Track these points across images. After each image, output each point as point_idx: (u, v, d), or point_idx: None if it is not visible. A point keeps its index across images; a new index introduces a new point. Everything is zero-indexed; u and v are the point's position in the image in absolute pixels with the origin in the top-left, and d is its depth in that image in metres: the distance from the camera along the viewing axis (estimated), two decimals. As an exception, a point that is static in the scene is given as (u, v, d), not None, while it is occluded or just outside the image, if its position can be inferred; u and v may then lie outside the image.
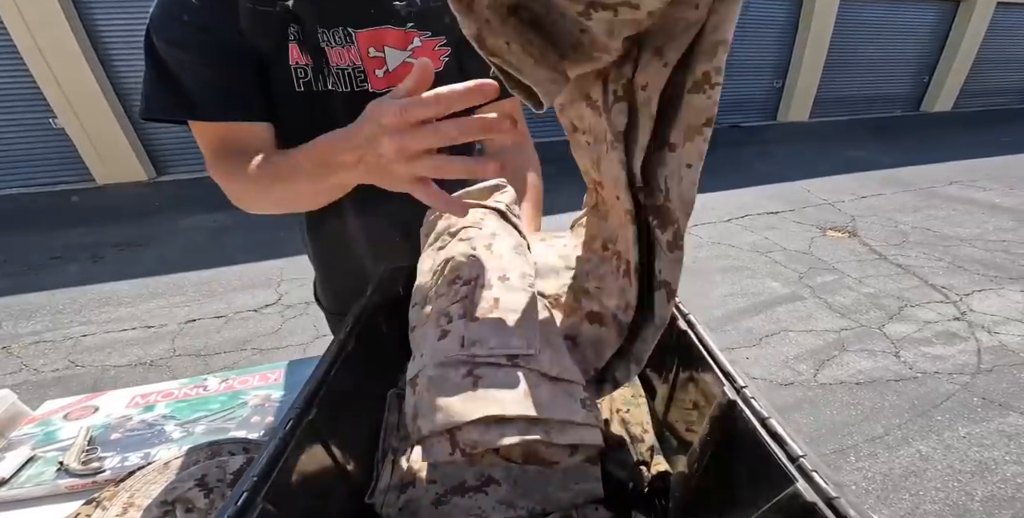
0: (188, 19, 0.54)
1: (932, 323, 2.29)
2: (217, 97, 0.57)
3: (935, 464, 1.53)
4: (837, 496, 0.20)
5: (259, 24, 0.55)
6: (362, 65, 0.61)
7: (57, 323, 2.35)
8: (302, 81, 0.59)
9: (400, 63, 0.63)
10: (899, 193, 4.36)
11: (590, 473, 0.45)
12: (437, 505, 0.44)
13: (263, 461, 0.29)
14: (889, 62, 8.38)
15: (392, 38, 0.62)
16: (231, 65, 0.57)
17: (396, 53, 0.62)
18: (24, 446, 0.61)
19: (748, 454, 0.28)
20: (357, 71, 0.61)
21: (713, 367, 0.33)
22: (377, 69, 0.62)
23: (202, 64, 0.55)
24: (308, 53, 0.58)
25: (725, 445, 0.32)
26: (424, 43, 0.63)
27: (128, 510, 0.47)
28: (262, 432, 0.64)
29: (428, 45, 0.64)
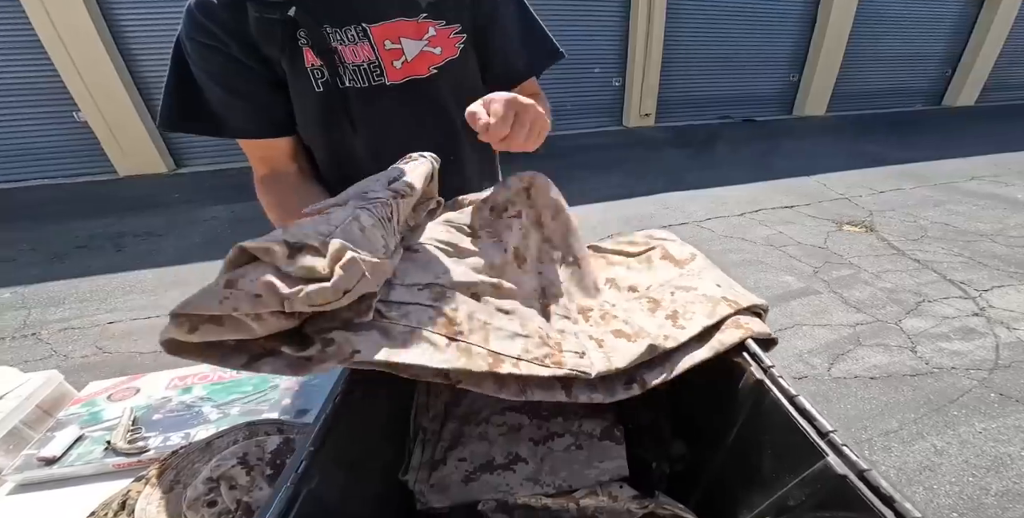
0: (209, 36, 0.58)
1: (950, 318, 2.26)
2: (243, 117, 0.63)
3: (950, 459, 1.52)
4: (869, 468, 0.22)
5: (266, 32, 0.58)
6: (377, 60, 0.63)
7: (84, 310, 2.43)
8: (320, 81, 0.62)
9: (418, 53, 0.65)
10: (918, 188, 4.28)
11: (615, 452, 0.47)
12: (467, 482, 0.46)
13: (317, 433, 0.31)
14: (911, 55, 8.15)
15: (407, 29, 0.64)
16: (251, 84, 0.62)
17: (412, 43, 0.64)
18: (72, 426, 0.64)
19: (775, 431, 0.29)
20: (373, 66, 0.63)
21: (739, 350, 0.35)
22: (395, 60, 0.64)
23: (226, 84, 0.61)
24: (320, 55, 0.60)
25: (751, 425, 0.33)
26: (439, 32, 0.65)
27: (175, 487, 0.50)
28: (293, 414, 0.66)
29: (443, 33, 0.66)
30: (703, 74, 7.03)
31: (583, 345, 0.44)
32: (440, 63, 0.66)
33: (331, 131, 0.67)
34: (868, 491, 0.23)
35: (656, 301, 0.50)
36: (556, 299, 0.52)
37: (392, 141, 0.68)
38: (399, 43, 0.63)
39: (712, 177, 4.47)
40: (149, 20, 4.53)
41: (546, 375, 0.38)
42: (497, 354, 0.38)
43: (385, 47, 0.63)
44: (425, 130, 0.70)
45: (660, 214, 3.64)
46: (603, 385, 0.42)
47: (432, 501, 0.45)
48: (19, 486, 0.58)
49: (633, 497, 0.44)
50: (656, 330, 0.45)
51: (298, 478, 0.29)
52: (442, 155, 0.74)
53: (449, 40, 0.66)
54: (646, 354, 0.42)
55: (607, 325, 0.48)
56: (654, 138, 6.33)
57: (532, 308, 0.48)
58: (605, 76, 6.58)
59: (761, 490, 0.33)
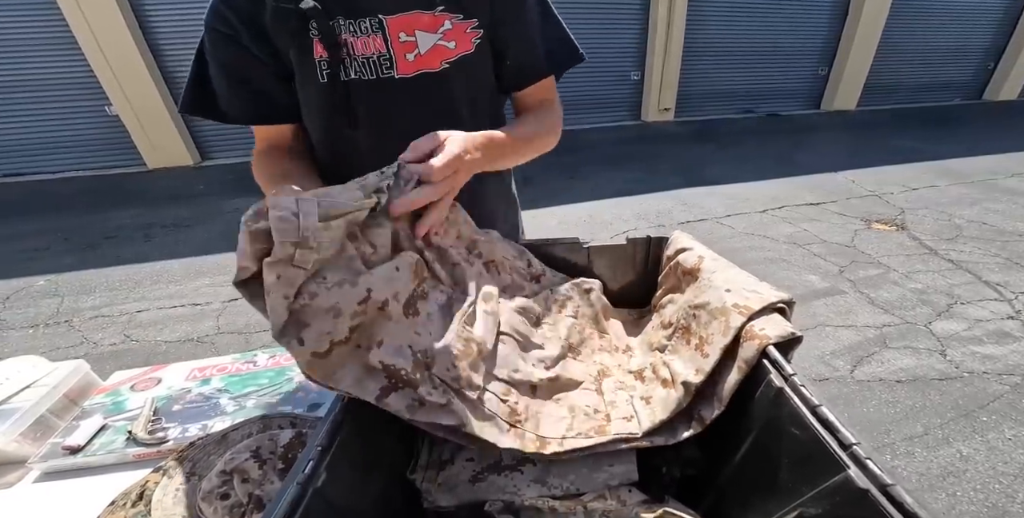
0: (225, 24, 0.60)
1: (984, 321, 2.17)
2: (242, 105, 0.66)
3: (976, 465, 1.47)
4: (893, 483, 0.21)
5: (280, 21, 0.59)
6: (388, 52, 0.62)
7: (114, 299, 2.51)
8: (325, 72, 0.62)
9: (431, 46, 0.64)
10: (954, 185, 4.11)
11: (626, 456, 0.46)
12: (474, 482, 0.46)
13: (326, 431, 0.31)
14: (950, 47, 7.80)
15: (423, 22, 0.63)
16: (255, 74, 0.64)
17: (427, 36, 0.63)
18: (96, 415, 0.66)
19: (794, 442, 0.28)
20: (383, 59, 0.63)
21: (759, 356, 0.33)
22: (408, 53, 0.63)
23: (230, 74, 0.64)
24: (327, 47, 0.60)
25: (768, 434, 0.32)
26: (455, 25, 0.64)
27: (190, 479, 0.51)
28: (306, 408, 0.67)
29: (459, 27, 0.64)
30: (726, 67, 6.85)
31: (633, 409, 0.48)
32: (453, 58, 0.65)
33: (331, 123, 0.68)
34: (891, 507, 0.22)
35: (687, 329, 0.50)
36: (610, 373, 0.56)
37: (396, 136, 0.67)
38: (413, 36, 0.63)
39: (733, 173, 4.37)
40: (178, 17, 4.65)
41: (590, 445, 0.44)
42: (543, 438, 0.44)
43: (399, 39, 0.62)
44: (432, 127, 0.69)
45: (677, 210, 3.58)
46: (664, 430, 0.45)
47: (439, 500, 0.45)
48: (43, 474, 0.60)
49: (642, 502, 0.43)
50: (690, 368, 0.45)
51: (305, 478, 0.29)
52: None
53: (465, 35, 0.65)
54: (685, 396, 0.44)
55: (657, 378, 0.50)
56: (673, 133, 6.21)
57: (587, 389, 0.53)
58: (623, 69, 6.47)
59: (775, 499, 0.32)
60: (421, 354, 0.42)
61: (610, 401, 0.50)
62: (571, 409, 0.49)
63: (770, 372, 0.31)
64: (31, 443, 0.62)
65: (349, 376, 0.36)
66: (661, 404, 0.46)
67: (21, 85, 4.59)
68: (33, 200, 4.26)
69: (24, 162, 4.93)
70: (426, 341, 0.44)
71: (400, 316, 0.43)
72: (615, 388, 0.53)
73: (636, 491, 0.44)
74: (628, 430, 0.45)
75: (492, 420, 0.43)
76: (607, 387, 0.53)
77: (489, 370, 0.48)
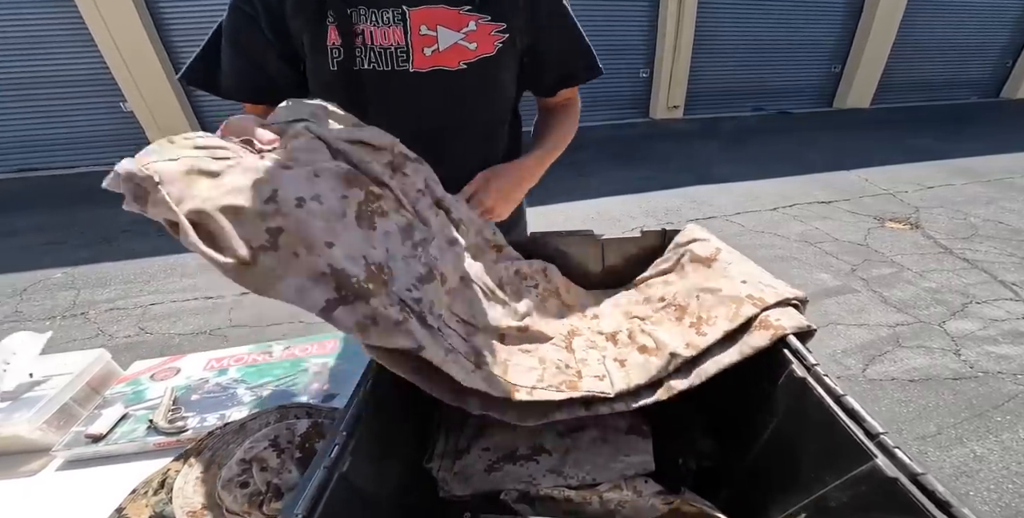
0: (248, 4, 0.61)
1: (999, 321, 2.14)
2: (238, 81, 0.67)
3: (990, 465, 1.45)
4: (924, 472, 0.20)
5: (299, 4, 0.60)
6: (407, 45, 0.62)
7: (129, 292, 2.55)
8: (336, 60, 0.62)
9: (451, 44, 0.63)
10: (970, 184, 4.03)
11: (642, 446, 0.46)
12: (489, 471, 0.46)
13: (350, 417, 0.31)
14: (968, 45, 7.62)
15: (447, 18, 0.62)
16: (262, 53, 0.64)
17: (449, 33, 0.63)
18: (118, 404, 0.68)
19: (817, 432, 0.28)
20: (400, 50, 0.62)
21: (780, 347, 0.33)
22: (427, 47, 0.63)
23: (239, 51, 0.64)
24: (342, 34, 0.60)
25: (788, 424, 0.32)
26: (480, 27, 0.63)
27: (210, 467, 0.52)
28: (321, 398, 0.68)
29: (484, 29, 0.64)
30: (736, 64, 6.76)
31: (605, 368, 0.48)
32: (472, 59, 0.65)
33: (347, 109, 0.68)
34: (922, 495, 0.21)
35: (683, 308, 0.50)
36: (580, 333, 0.56)
37: (405, 129, 0.68)
38: (435, 30, 0.62)
39: (743, 171, 4.32)
40: (192, 15, 4.70)
41: (561, 399, 0.43)
42: (513, 384, 0.43)
43: (420, 32, 0.62)
44: (447, 126, 0.69)
45: (686, 208, 3.55)
46: (626, 396, 0.45)
47: (455, 489, 0.46)
48: (67, 462, 0.62)
49: (658, 492, 0.43)
50: (678, 340, 0.46)
51: (331, 462, 0.29)
52: (461, 153, 0.73)
53: (489, 37, 0.64)
54: (665, 367, 0.44)
55: (634, 343, 0.50)
56: (682, 130, 6.16)
57: (556, 345, 0.52)
58: (632, 66, 6.42)
59: (797, 490, 0.32)
60: (376, 267, 0.38)
61: (581, 359, 0.50)
62: (541, 360, 0.48)
63: (791, 362, 0.31)
64: (55, 431, 0.63)
65: (290, 287, 0.34)
66: (638, 369, 0.46)
67: (39, 82, 4.66)
68: (50, 194, 4.33)
69: (41, 157, 5.01)
70: (382, 256, 0.40)
71: (347, 222, 0.39)
72: (586, 347, 0.52)
73: (652, 482, 0.44)
74: (600, 389, 0.45)
75: (454, 355, 0.40)
76: (578, 345, 0.53)
77: (453, 307, 0.46)
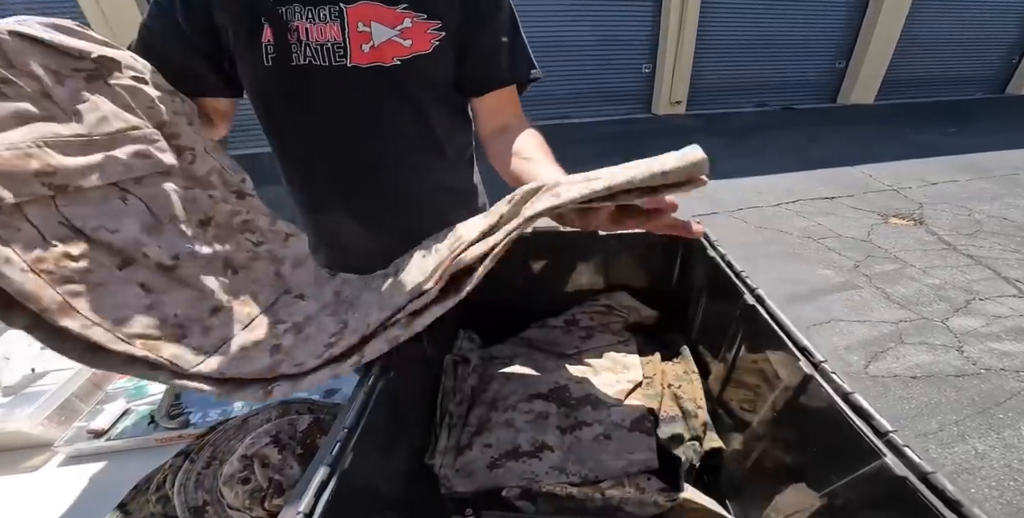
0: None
1: (1002, 318, 2.13)
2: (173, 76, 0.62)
3: (991, 462, 1.45)
4: (934, 471, 0.20)
5: (226, 4, 0.59)
6: (344, 41, 0.62)
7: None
8: (271, 56, 0.62)
9: (385, 40, 0.63)
10: (975, 180, 4.01)
11: (645, 443, 0.46)
12: (492, 468, 0.46)
13: (352, 413, 0.31)
14: (974, 41, 7.55)
15: (382, 15, 0.62)
16: (191, 46, 0.62)
17: (383, 29, 0.63)
18: (120, 399, 0.68)
19: (823, 430, 0.27)
20: (336, 46, 0.63)
21: (787, 343, 0.33)
22: (364, 44, 0.63)
23: (165, 42, 0.61)
24: (275, 32, 0.61)
25: (793, 422, 0.32)
26: (416, 24, 0.63)
27: (212, 463, 0.52)
28: (321, 394, 0.68)
29: (420, 27, 0.64)
30: (740, 60, 6.71)
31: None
32: (406, 56, 0.65)
33: (274, 106, 0.69)
34: (931, 494, 0.21)
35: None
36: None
37: (354, 122, 0.69)
38: (369, 27, 0.62)
39: (746, 166, 4.30)
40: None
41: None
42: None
43: (357, 29, 0.62)
44: (395, 119, 0.70)
45: (687, 203, 3.51)
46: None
47: (456, 486, 0.45)
48: (68, 458, 0.62)
49: (661, 490, 0.43)
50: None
51: (333, 459, 0.29)
52: (416, 146, 0.72)
53: (424, 35, 0.65)
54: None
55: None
56: (685, 126, 6.13)
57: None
58: (634, 62, 6.38)
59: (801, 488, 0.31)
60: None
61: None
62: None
63: (799, 359, 0.31)
64: (56, 427, 0.63)
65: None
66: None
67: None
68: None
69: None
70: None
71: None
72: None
73: (655, 479, 0.44)
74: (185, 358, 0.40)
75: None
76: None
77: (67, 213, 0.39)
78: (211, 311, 0.44)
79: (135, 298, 0.39)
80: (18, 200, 0.34)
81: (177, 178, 0.49)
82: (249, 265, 0.52)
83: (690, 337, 0.61)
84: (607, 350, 0.62)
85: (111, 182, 0.41)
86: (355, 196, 0.76)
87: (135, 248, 0.41)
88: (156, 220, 0.44)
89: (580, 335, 0.65)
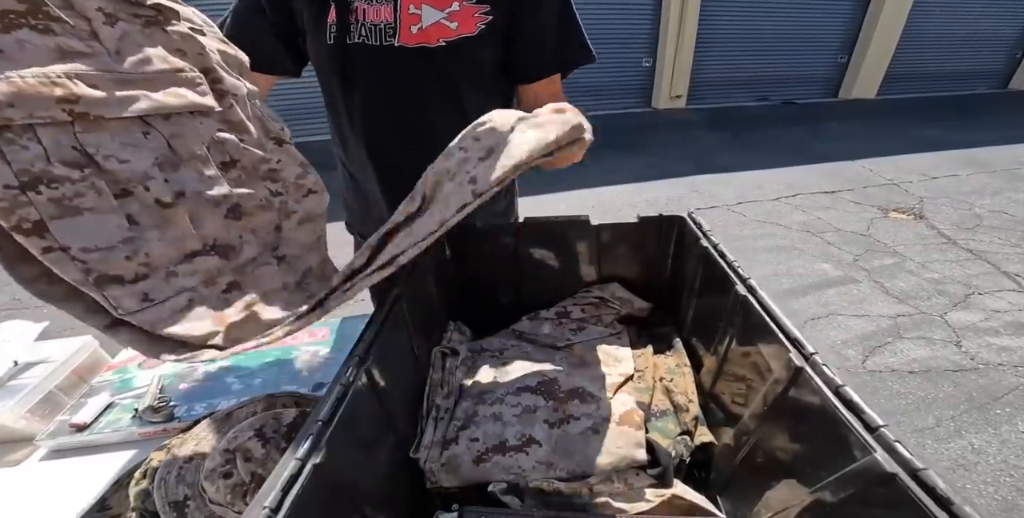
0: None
1: (1001, 312, 2.12)
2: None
3: (988, 458, 1.45)
4: (924, 467, 0.19)
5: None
6: (395, 22, 0.66)
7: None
8: (333, 35, 0.67)
9: (433, 22, 0.66)
10: (976, 174, 3.99)
11: (634, 438, 0.45)
12: (478, 463, 0.45)
13: (327, 407, 0.30)
14: (978, 35, 7.51)
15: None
16: (260, 25, 0.69)
17: (433, 12, 0.66)
18: (104, 392, 0.66)
19: (813, 424, 0.26)
20: (387, 27, 0.66)
21: (778, 335, 0.32)
22: (413, 25, 0.66)
23: (235, 20, 0.70)
24: (339, 13, 0.66)
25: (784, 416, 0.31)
26: (464, 8, 0.66)
27: (194, 457, 0.51)
28: (311, 387, 0.67)
29: (467, 10, 0.66)
30: (741, 54, 6.66)
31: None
32: (452, 38, 0.67)
33: (332, 82, 0.73)
34: (921, 492, 0.20)
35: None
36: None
37: (393, 101, 0.72)
38: (420, 9, 0.65)
39: (746, 161, 4.28)
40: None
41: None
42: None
43: (408, 11, 0.65)
44: (432, 101, 0.72)
45: (687, 197, 3.53)
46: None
47: (442, 480, 0.45)
48: (50, 452, 0.60)
49: (650, 485, 0.42)
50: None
51: (304, 453, 0.28)
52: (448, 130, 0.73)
53: (471, 18, 0.67)
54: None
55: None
56: (685, 120, 6.09)
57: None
58: (634, 56, 6.33)
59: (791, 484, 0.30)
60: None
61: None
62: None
63: (789, 351, 0.30)
64: (39, 420, 0.62)
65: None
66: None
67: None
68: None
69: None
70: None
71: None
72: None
73: (644, 475, 0.43)
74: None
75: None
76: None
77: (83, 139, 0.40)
78: (185, 256, 0.44)
79: (117, 229, 0.39)
80: (31, 121, 0.35)
81: (211, 120, 0.49)
82: (254, 212, 0.51)
83: (683, 329, 0.60)
84: (599, 343, 0.61)
85: (136, 115, 0.42)
86: (390, 173, 0.79)
87: (140, 180, 0.41)
88: (175, 156, 0.45)
89: (572, 327, 0.64)
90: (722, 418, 0.46)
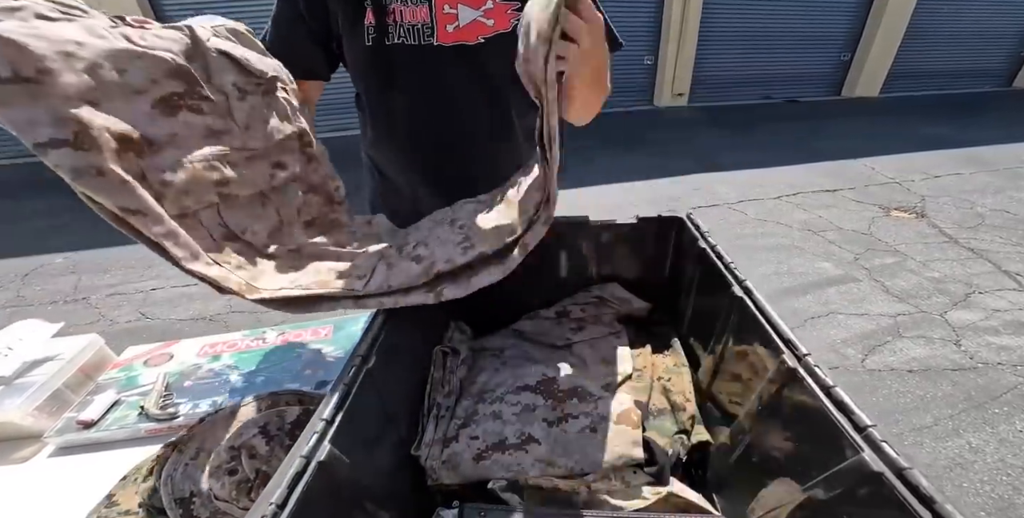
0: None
1: (1001, 312, 2.12)
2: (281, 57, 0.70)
3: (985, 457, 1.45)
4: (909, 467, 0.20)
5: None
6: (431, 22, 0.68)
7: (129, 277, 2.55)
8: (372, 37, 0.69)
9: (470, 20, 0.69)
10: (979, 173, 3.98)
11: (632, 436, 0.45)
12: (478, 460, 0.46)
13: (331, 405, 0.31)
14: (982, 34, 7.44)
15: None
16: (299, 32, 0.71)
17: (468, 11, 0.69)
18: (111, 390, 0.67)
19: (805, 424, 0.27)
20: (425, 27, 0.69)
21: (771, 336, 0.32)
22: (448, 24, 0.69)
23: (276, 30, 0.71)
24: (376, 15, 0.68)
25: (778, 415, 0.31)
26: (497, 5, 0.69)
27: (199, 454, 0.52)
28: (314, 385, 0.68)
29: (500, 7, 0.69)
30: (743, 52, 6.62)
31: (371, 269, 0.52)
32: (489, 34, 0.70)
33: (370, 83, 0.75)
34: (906, 490, 0.21)
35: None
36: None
37: (435, 100, 0.74)
38: (456, 9, 0.68)
39: (748, 159, 4.27)
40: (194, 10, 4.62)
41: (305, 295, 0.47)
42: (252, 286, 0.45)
43: (443, 11, 0.68)
44: (471, 97, 0.75)
45: (689, 195, 3.52)
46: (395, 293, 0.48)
47: (443, 478, 0.45)
48: (58, 449, 0.61)
49: (647, 483, 0.43)
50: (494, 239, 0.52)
51: (309, 450, 0.29)
52: (489, 127, 0.78)
53: (505, 15, 0.69)
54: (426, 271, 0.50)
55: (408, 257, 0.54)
56: (687, 119, 6.07)
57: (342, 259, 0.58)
58: (636, 53, 6.30)
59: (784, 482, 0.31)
60: (142, 138, 0.38)
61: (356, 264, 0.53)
62: (316, 271, 0.51)
63: (783, 352, 0.30)
64: (47, 417, 0.63)
65: (22, 114, 0.33)
66: (400, 274, 0.49)
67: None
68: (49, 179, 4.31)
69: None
70: (160, 134, 0.40)
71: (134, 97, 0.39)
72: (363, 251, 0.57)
73: (641, 472, 0.44)
74: (352, 287, 0.47)
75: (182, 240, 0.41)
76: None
77: (222, 212, 0.46)
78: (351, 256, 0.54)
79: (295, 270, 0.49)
80: (198, 207, 0.41)
81: (300, 184, 0.57)
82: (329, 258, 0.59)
83: (681, 329, 0.61)
84: (598, 342, 0.62)
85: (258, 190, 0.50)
86: (431, 171, 0.81)
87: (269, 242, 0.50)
88: (281, 222, 0.53)
89: (571, 327, 0.65)
90: (719, 417, 0.46)
